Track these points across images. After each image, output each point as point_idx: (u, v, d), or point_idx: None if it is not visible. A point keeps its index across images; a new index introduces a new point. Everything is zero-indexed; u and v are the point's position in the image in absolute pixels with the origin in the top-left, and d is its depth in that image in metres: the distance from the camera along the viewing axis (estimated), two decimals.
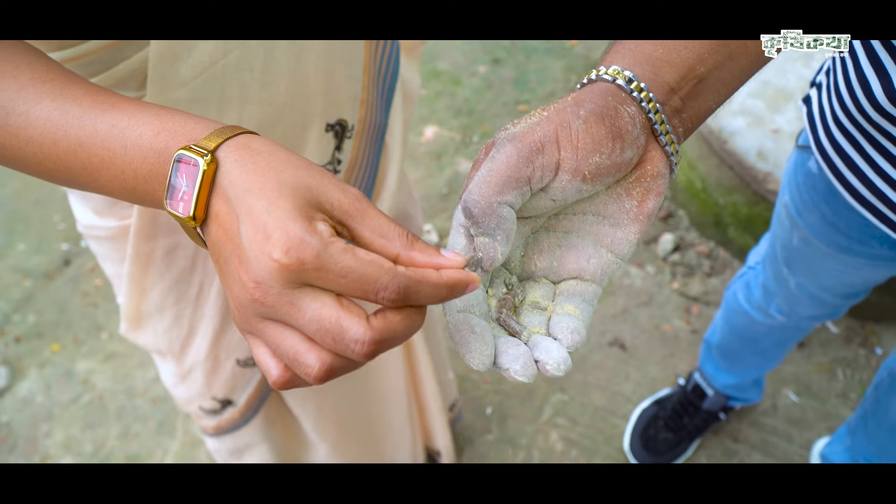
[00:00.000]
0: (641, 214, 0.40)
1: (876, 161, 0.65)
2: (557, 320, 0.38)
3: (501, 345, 0.37)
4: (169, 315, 0.80)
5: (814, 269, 0.89)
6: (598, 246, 0.40)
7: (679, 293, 1.73)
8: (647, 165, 0.40)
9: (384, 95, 0.72)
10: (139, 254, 0.72)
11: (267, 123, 0.64)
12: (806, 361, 1.63)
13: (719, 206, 1.67)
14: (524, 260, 0.42)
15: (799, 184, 0.81)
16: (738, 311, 1.19)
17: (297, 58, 0.62)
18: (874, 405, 1.18)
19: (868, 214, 0.70)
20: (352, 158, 0.72)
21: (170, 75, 0.56)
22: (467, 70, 2.14)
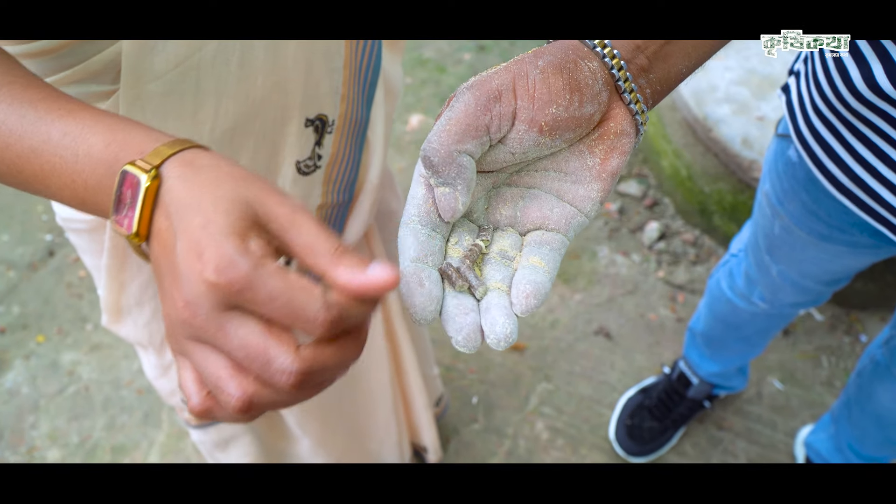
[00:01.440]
0: (605, 172, 0.39)
1: (855, 149, 0.65)
2: (520, 277, 0.37)
3: (451, 308, 0.35)
4: (148, 309, 0.79)
5: (795, 257, 0.89)
6: (561, 201, 0.40)
7: (664, 281, 1.73)
8: (611, 123, 0.39)
9: (365, 90, 0.71)
10: (116, 247, 0.71)
11: (244, 118, 0.63)
12: (791, 349, 1.64)
13: (705, 194, 1.67)
14: (488, 212, 0.41)
15: (779, 172, 0.81)
16: (721, 299, 1.19)
17: (276, 51, 0.61)
18: (857, 392, 1.19)
19: (848, 202, 0.70)
20: (333, 153, 0.71)
21: (143, 68, 0.55)
22: (452, 58, 2.13)
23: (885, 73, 0.55)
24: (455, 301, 0.36)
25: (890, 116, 0.59)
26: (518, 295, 0.36)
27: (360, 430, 1.08)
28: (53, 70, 0.58)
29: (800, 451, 1.45)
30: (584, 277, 1.75)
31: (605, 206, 0.67)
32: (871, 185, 0.66)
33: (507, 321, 0.35)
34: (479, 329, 0.35)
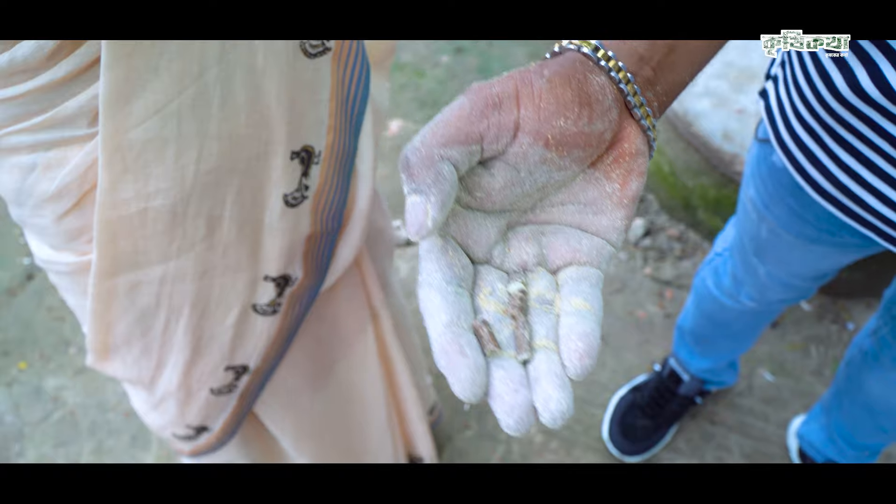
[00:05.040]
0: (626, 198, 0.36)
1: (838, 156, 0.64)
2: (568, 330, 0.32)
3: (497, 383, 0.30)
4: (137, 347, 0.77)
5: (783, 258, 0.89)
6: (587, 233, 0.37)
7: (652, 278, 1.73)
8: (625, 143, 0.36)
9: (353, 120, 0.69)
10: (101, 292, 0.68)
11: (228, 157, 0.61)
12: (779, 340, 1.64)
13: (688, 189, 1.67)
14: (510, 254, 0.36)
15: (763, 177, 0.80)
16: (708, 298, 1.19)
17: (257, 88, 0.59)
18: (846, 382, 1.19)
19: (833, 209, 0.69)
20: (320, 184, 0.69)
21: (123, 115, 0.53)
22: (430, 61, 2.12)
23: (869, 78, 0.55)
24: (500, 373, 0.31)
25: (874, 122, 0.58)
26: (571, 356, 0.31)
27: (355, 447, 1.07)
28: (21, 117, 0.56)
29: (792, 442, 1.45)
30: None
31: None
32: (855, 191, 0.65)
33: (563, 395, 0.30)
34: (531, 408, 0.30)
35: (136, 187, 0.59)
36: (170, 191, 0.60)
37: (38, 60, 0.50)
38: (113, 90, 0.52)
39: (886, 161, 0.60)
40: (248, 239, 0.68)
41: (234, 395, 0.85)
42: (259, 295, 0.74)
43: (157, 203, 0.60)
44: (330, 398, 0.96)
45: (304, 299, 0.79)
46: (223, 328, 0.75)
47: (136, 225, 0.62)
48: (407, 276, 1.76)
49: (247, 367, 0.81)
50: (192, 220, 0.63)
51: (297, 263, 0.74)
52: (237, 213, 0.65)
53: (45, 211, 0.62)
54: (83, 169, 0.58)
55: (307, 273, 0.76)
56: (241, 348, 0.78)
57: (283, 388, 0.91)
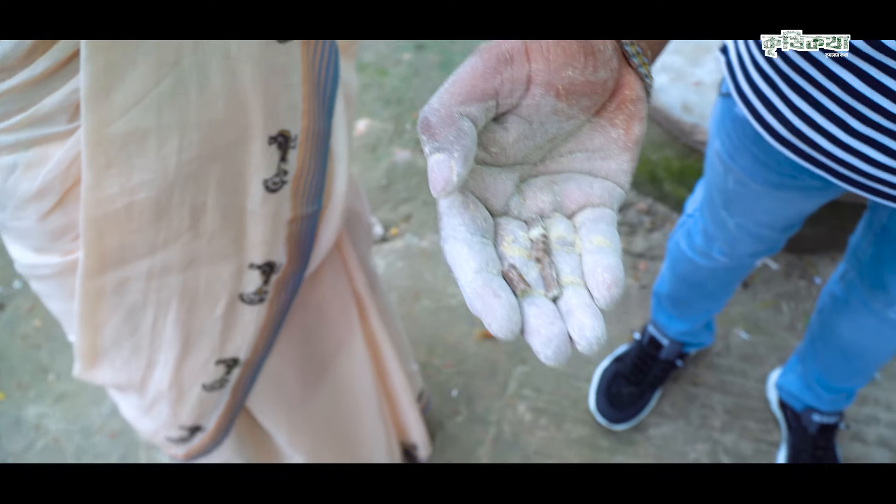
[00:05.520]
0: (630, 142, 0.38)
1: (792, 101, 0.68)
2: (592, 265, 0.34)
3: (531, 319, 0.32)
4: (126, 347, 0.77)
5: (751, 207, 0.92)
6: (597, 178, 0.38)
7: (625, 252, 1.77)
8: (626, 90, 0.38)
9: (326, 102, 0.70)
10: (88, 291, 0.68)
11: (208, 145, 0.62)
12: (751, 300, 1.69)
13: (652, 162, 1.71)
14: (526, 204, 0.38)
15: (728, 129, 0.84)
16: (682, 259, 1.22)
17: (233, 74, 0.60)
18: (820, 329, 1.23)
19: (790, 154, 0.72)
20: (298, 168, 0.70)
21: (104, 108, 0.54)
22: (392, 59, 2.13)
23: None
24: (534, 310, 0.32)
25: (825, 66, 0.62)
26: (599, 287, 0.33)
27: (349, 438, 1.08)
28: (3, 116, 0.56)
29: (772, 395, 1.50)
30: None
31: None
32: (809, 135, 0.68)
33: (596, 322, 0.32)
34: (567, 338, 0.32)
35: (120, 181, 0.59)
36: (153, 182, 0.61)
37: (17, 58, 0.51)
38: (93, 83, 0.53)
39: (836, 104, 0.63)
40: (231, 226, 0.69)
41: (227, 389, 0.85)
42: (245, 283, 0.75)
43: (142, 196, 0.61)
44: (321, 387, 0.97)
45: (290, 286, 0.80)
46: (212, 320, 0.76)
47: (122, 220, 0.62)
48: (384, 272, 1.78)
49: (237, 360, 0.82)
50: (177, 210, 0.64)
51: (280, 249, 0.75)
52: (220, 200, 0.66)
53: (28, 211, 0.62)
54: (65, 165, 0.59)
55: (291, 258, 0.77)
56: (230, 340, 0.79)
57: (275, 381, 0.91)
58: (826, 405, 1.36)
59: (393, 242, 1.83)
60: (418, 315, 1.71)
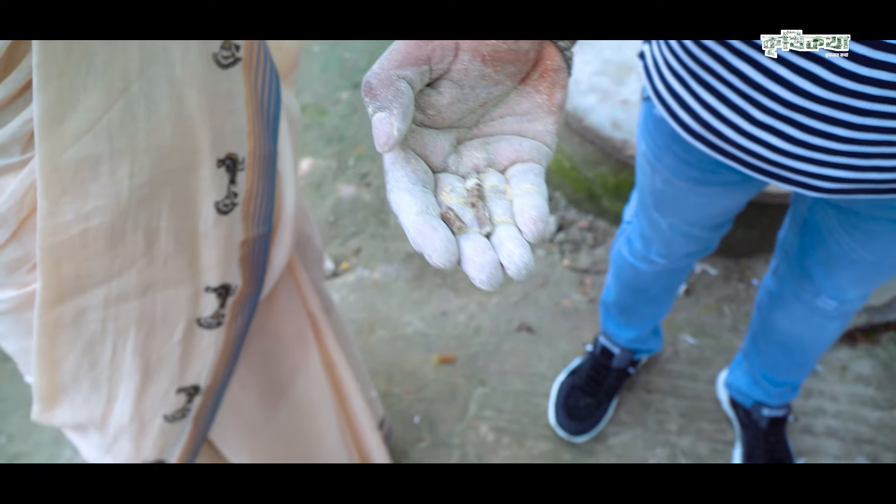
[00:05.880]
0: (553, 106, 0.42)
1: (701, 96, 0.74)
2: (520, 205, 0.38)
3: (467, 250, 0.36)
4: (86, 383, 0.76)
5: (679, 206, 0.98)
6: (525, 138, 0.42)
7: (571, 269, 1.82)
8: (547, 61, 0.42)
9: (270, 124, 0.73)
10: (46, 323, 0.68)
11: (159, 169, 0.64)
12: (695, 305, 1.76)
13: (589, 180, 1.78)
14: (462, 161, 0.42)
15: (650, 131, 0.90)
16: (624, 266, 1.27)
17: (179, 99, 0.62)
18: (759, 324, 1.30)
19: (704, 147, 0.78)
20: (247, 190, 0.73)
21: (57, 136, 0.56)
22: (330, 98, 2.18)
23: None
24: (469, 243, 0.36)
25: (725, 60, 0.68)
26: (526, 222, 0.37)
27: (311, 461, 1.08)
28: None
29: (722, 394, 1.55)
30: None
31: None
32: (716, 126, 0.74)
33: (523, 250, 0.36)
34: (499, 264, 0.35)
35: (75, 208, 0.61)
36: (107, 207, 0.62)
37: None
38: (46, 112, 0.54)
39: (738, 95, 0.69)
40: (185, 249, 0.70)
41: (188, 419, 0.85)
42: (202, 307, 0.76)
43: (97, 222, 0.62)
44: (280, 410, 0.97)
45: (246, 308, 0.81)
46: (170, 346, 0.76)
47: (78, 247, 0.63)
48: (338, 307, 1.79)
49: (198, 388, 0.83)
50: (131, 234, 0.65)
51: (235, 271, 0.76)
52: (173, 223, 0.68)
53: None
54: (20, 195, 0.60)
55: (246, 280, 0.78)
56: (190, 367, 0.80)
57: (235, 407, 0.92)
58: (774, 399, 1.41)
59: (344, 277, 1.85)
60: (375, 345, 1.72)
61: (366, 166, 2.03)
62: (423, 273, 1.84)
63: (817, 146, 0.67)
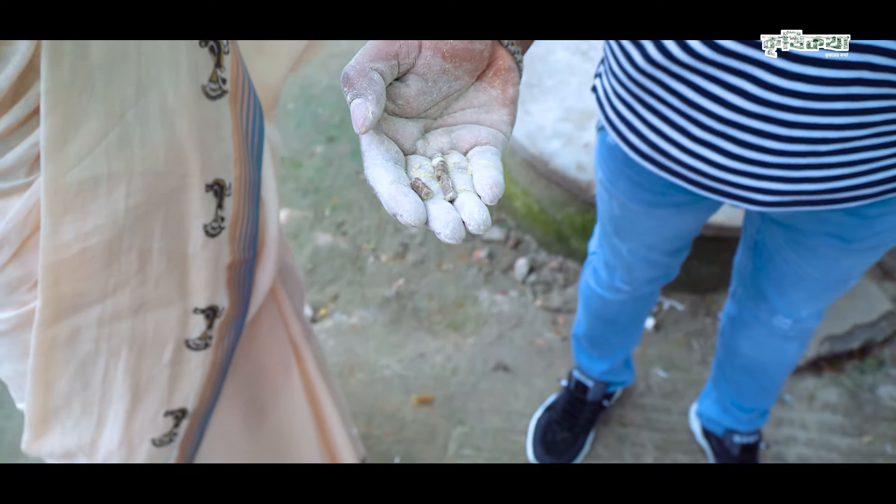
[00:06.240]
0: (507, 100, 0.49)
1: (647, 119, 0.81)
2: (479, 176, 0.44)
3: (434, 211, 0.41)
4: (77, 405, 0.79)
5: (637, 230, 1.04)
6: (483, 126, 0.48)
7: (543, 308, 1.88)
8: (499, 61, 0.49)
9: (254, 152, 0.79)
10: (43, 342, 0.72)
11: (153, 191, 0.69)
12: (664, 341, 1.81)
13: (558, 221, 1.85)
14: (429, 144, 0.48)
15: (605, 159, 0.97)
16: (592, 297, 1.33)
17: (171, 126, 0.67)
18: (724, 351, 1.35)
19: (652, 167, 0.85)
20: (234, 214, 0.78)
21: (61, 158, 0.61)
22: (306, 152, 2.25)
23: (654, 46, 0.72)
24: (435, 206, 0.42)
25: (664, 84, 0.75)
26: (483, 188, 0.43)
27: None
28: None
29: (695, 425, 1.59)
30: (472, 322, 1.86)
31: (488, 227, 0.72)
32: (661, 146, 0.82)
33: (481, 210, 0.42)
34: (461, 222, 0.41)
35: (75, 227, 0.65)
36: (105, 227, 0.66)
37: None
38: (52, 136, 0.59)
39: (678, 115, 0.77)
40: (176, 270, 0.75)
41: (175, 444, 0.87)
42: (191, 329, 0.80)
43: (95, 241, 0.67)
44: (263, 437, 1.00)
45: (233, 331, 0.85)
46: (160, 367, 0.79)
47: (77, 265, 0.67)
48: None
49: (185, 411, 0.85)
50: (126, 254, 0.69)
51: (222, 292, 0.80)
52: (164, 244, 0.72)
53: None
54: (23, 215, 0.64)
55: (232, 302, 0.82)
56: (178, 390, 0.83)
57: (221, 433, 0.94)
58: (744, 425, 1.46)
59: (323, 322, 1.88)
60: (354, 388, 1.74)
61: (341, 216, 2.08)
62: (400, 317, 1.88)
63: (751, 159, 0.74)
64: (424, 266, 1.98)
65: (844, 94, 0.65)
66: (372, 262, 1.99)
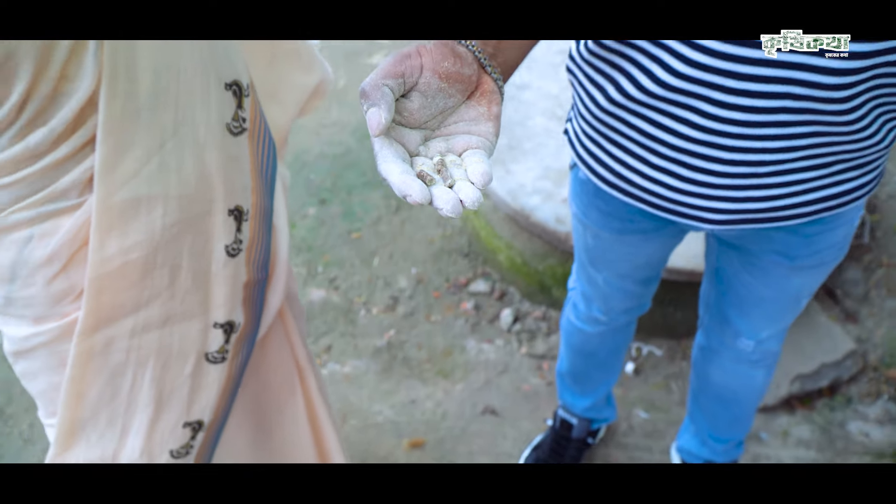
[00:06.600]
0: (492, 115, 0.60)
1: (611, 152, 0.93)
2: (472, 167, 0.54)
3: (436, 192, 0.51)
4: (104, 417, 0.86)
5: (609, 258, 1.15)
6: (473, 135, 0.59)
7: (528, 355, 1.96)
8: (484, 85, 0.60)
9: (268, 183, 0.90)
10: (80, 352, 0.80)
11: (185, 213, 0.79)
12: (644, 384, 1.90)
13: (539, 272, 1.97)
14: (429, 149, 0.58)
15: (578, 193, 1.09)
16: (573, 331, 1.42)
17: (201, 157, 0.78)
18: (697, 381, 1.44)
19: (618, 195, 0.97)
20: (250, 237, 0.88)
21: (111, 180, 0.71)
22: (299, 213, 2.36)
23: (615, 90, 0.85)
24: (437, 189, 0.52)
25: (622, 119, 0.88)
26: (476, 175, 0.53)
27: None
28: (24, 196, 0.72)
29: (676, 459, 1.66)
30: (460, 369, 1.94)
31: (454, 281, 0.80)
32: (626, 175, 0.94)
33: (475, 191, 0.52)
34: (458, 200, 0.51)
35: (118, 242, 0.75)
36: (143, 243, 0.76)
37: (47, 144, 0.68)
38: (105, 160, 0.70)
39: (638, 146, 0.89)
40: (200, 286, 0.84)
41: (191, 456, 0.94)
42: (210, 342, 0.88)
43: (134, 256, 0.76)
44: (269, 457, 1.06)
45: (246, 346, 0.93)
46: (182, 379, 0.88)
47: (117, 278, 0.76)
48: None
49: (202, 423, 0.93)
50: (159, 269, 0.79)
51: (238, 309, 0.89)
52: (191, 262, 0.82)
53: (37, 277, 0.75)
54: (73, 233, 0.74)
55: (247, 319, 0.91)
56: (196, 401, 0.90)
57: (230, 449, 1.01)
58: (720, 456, 1.53)
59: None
60: (348, 434, 1.80)
61: (333, 272, 2.18)
62: (392, 366, 1.96)
63: (701, 181, 0.86)
64: (414, 318, 2.07)
65: (773, 121, 0.78)
66: (363, 314, 2.08)
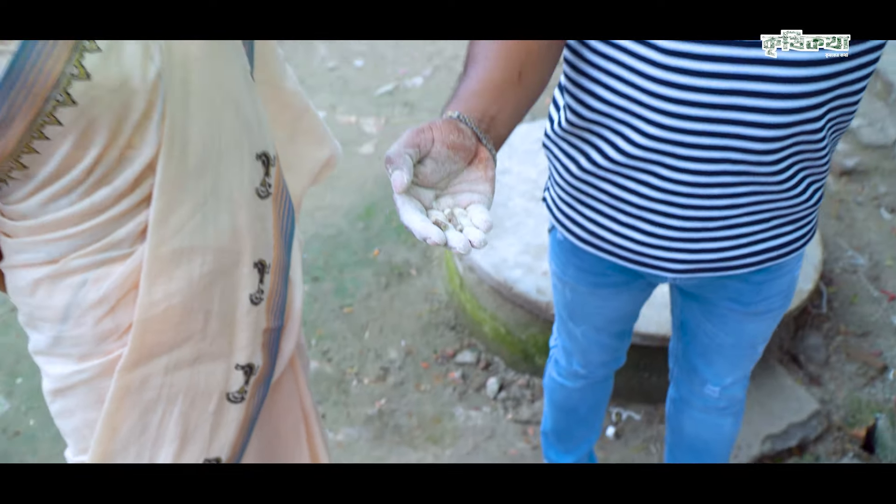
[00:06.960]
0: (488, 178, 0.73)
1: (585, 213, 1.08)
2: (476, 217, 0.68)
3: (450, 235, 0.65)
4: (132, 451, 0.94)
5: (586, 312, 1.28)
6: (474, 193, 0.72)
7: (514, 421, 2.05)
8: (481, 154, 0.74)
9: (287, 241, 1.03)
10: (120, 388, 0.89)
11: (218, 264, 0.91)
12: (625, 447, 1.99)
13: (523, 342, 2.08)
14: (440, 203, 0.72)
15: (557, 252, 1.23)
16: (555, 388, 1.53)
17: (234, 215, 0.91)
18: (671, 435, 1.54)
19: (592, 250, 1.11)
20: (271, 288, 1.00)
21: (162, 232, 0.84)
22: None
23: (586, 160, 1.00)
24: (451, 232, 0.66)
25: (592, 184, 1.03)
26: (479, 222, 0.68)
27: None
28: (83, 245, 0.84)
29: None
30: (449, 435, 2.02)
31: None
32: (597, 231, 1.08)
33: (480, 234, 0.66)
34: (468, 241, 0.65)
35: (164, 288, 0.86)
36: (184, 290, 0.88)
37: (110, 201, 0.81)
38: (159, 214, 0.83)
39: (606, 206, 1.04)
40: (227, 330, 0.95)
41: None
42: (232, 382, 0.99)
43: (176, 301, 0.88)
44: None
45: (262, 389, 1.04)
46: (206, 416, 0.97)
47: (160, 320, 0.88)
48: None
49: (219, 460, 1.01)
50: (195, 313, 0.90)
51: (258, 353, 1.00)
52: (221, 307, 0.93)
53: (87, 318, 0.86)
54: (123, 278, 0.86)
55: (265, 363, 1.02)
56: (216, 439, 1.00)
57: None
58: None
59: None
60: None
61: (326, 344, 2.28)
62: (383, 433, 2.03)
63: (662, 235, 1.01)
64: (404, 387, 2.16)
65: (717, 182, 0.93)
66: (355, 384, 2.16)
